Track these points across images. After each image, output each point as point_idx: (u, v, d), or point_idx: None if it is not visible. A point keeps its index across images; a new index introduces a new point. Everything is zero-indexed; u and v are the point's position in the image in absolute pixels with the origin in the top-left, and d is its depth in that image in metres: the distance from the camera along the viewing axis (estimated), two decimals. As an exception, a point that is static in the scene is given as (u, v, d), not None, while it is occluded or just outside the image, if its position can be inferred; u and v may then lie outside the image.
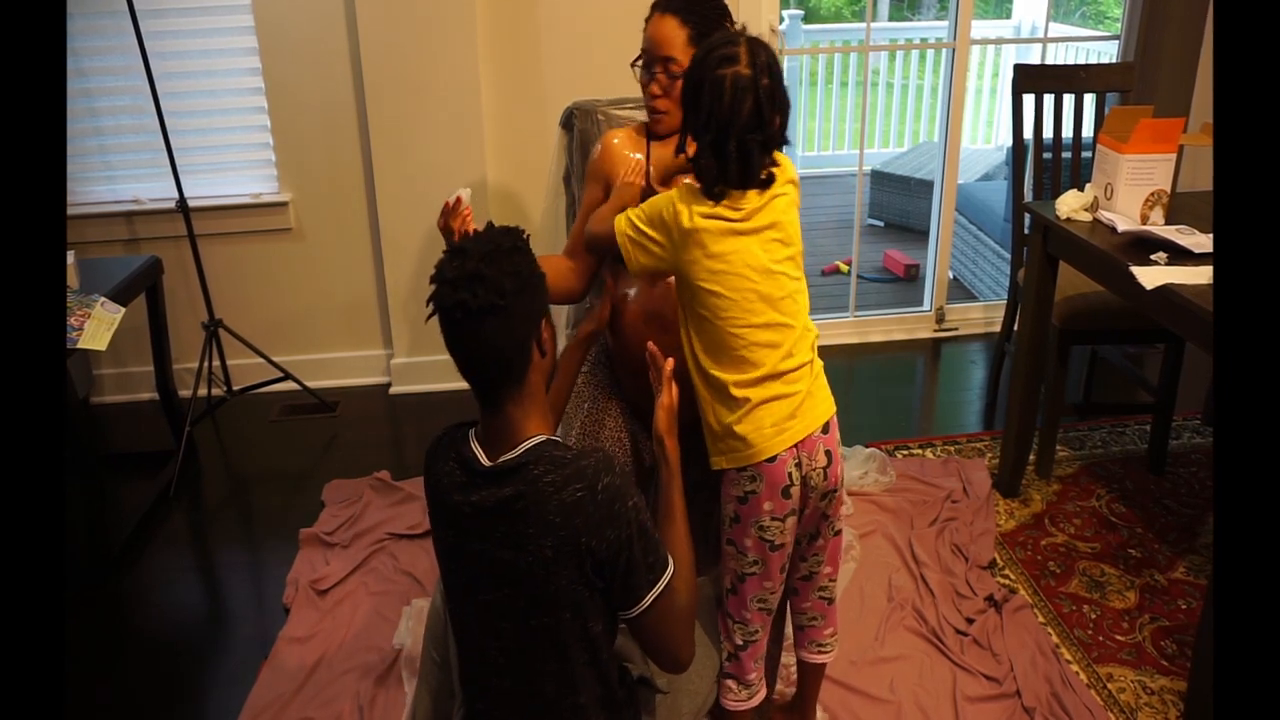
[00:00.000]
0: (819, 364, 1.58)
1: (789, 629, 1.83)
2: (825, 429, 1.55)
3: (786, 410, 1.50)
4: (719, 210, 1.49)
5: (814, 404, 1.54)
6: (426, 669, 1.62)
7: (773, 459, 1.49)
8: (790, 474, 1.51)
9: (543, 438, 1.33)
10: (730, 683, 1.66)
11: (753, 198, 1.50)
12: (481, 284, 1.25)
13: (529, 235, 1.35)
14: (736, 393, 1.49)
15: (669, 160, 1.83)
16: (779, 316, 1.50)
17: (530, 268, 1.31)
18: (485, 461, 1.32)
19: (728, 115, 1.43)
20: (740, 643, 1.63)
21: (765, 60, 1.46)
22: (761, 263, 1.49)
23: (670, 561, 1.36)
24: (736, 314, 1.49)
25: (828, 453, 1.55)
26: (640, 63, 1.80)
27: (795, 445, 1.51)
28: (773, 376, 1.50)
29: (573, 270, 1.93)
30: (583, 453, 1.32)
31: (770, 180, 1.51)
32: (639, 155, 1.86)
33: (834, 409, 1.58)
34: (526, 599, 1.31)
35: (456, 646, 1.46)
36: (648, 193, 1.79)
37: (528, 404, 1.34)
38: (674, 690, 1.56)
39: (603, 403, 1.92)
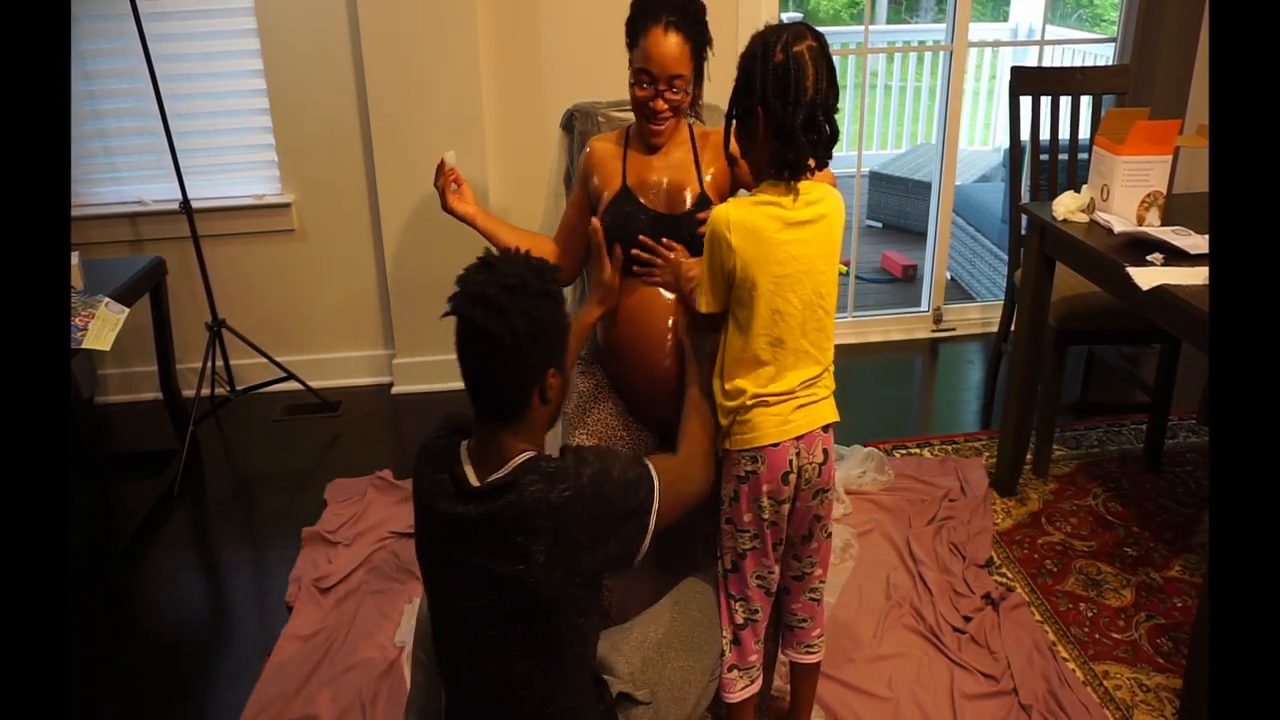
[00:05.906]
0: (832, 382, 1.65)
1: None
2: (825, 429, 1.64)
3: (791, 407, 1.59)
4: (784, 208, 1.51)
5: (819, 407, 1.62)
6: (416, 668, 1.64)
7: (776, 445, 1.57)
8: (790, 461, 1.59)
9: (531, 454, 1.33)
10: (734, 674, 1.69)
11: (811, 187, 1.54)
12: (495, 314, 1.23)
13: (562, 285, 1.33)
14: (751, 401, 1.57)
15: (650, 164, 1.90)
16: (810, 348, 1.58)
17: (550, 317, 1.29)
18: (474, 483, 1.32)
19: (815, 87, 1.46)
20: (742, 621, 1.68)
21: (817, 32, 1.51)
22: (807, 295, 1.55)
23: (654, 482, 1.41)
24: (779, 332, 1.54)
25: (825, 450, 1.63)
26: (644, 81, 1.81)
27: (797, 438, 1.59)
28: (789, 391, 1.58)
29: (557, 256, 2.03)
30: (562, 455, 1.35)
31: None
32: (618, 161, 1.92)
33: (837, 418, 1.65)
34: (515, 608, 1.31)
35: (436, 651, 1.45)
36: (624, 195, 1.88)
37: (521, 435, 1.34)
38: (659, 700, 1.52)
39: (592, 395, 1.96)
